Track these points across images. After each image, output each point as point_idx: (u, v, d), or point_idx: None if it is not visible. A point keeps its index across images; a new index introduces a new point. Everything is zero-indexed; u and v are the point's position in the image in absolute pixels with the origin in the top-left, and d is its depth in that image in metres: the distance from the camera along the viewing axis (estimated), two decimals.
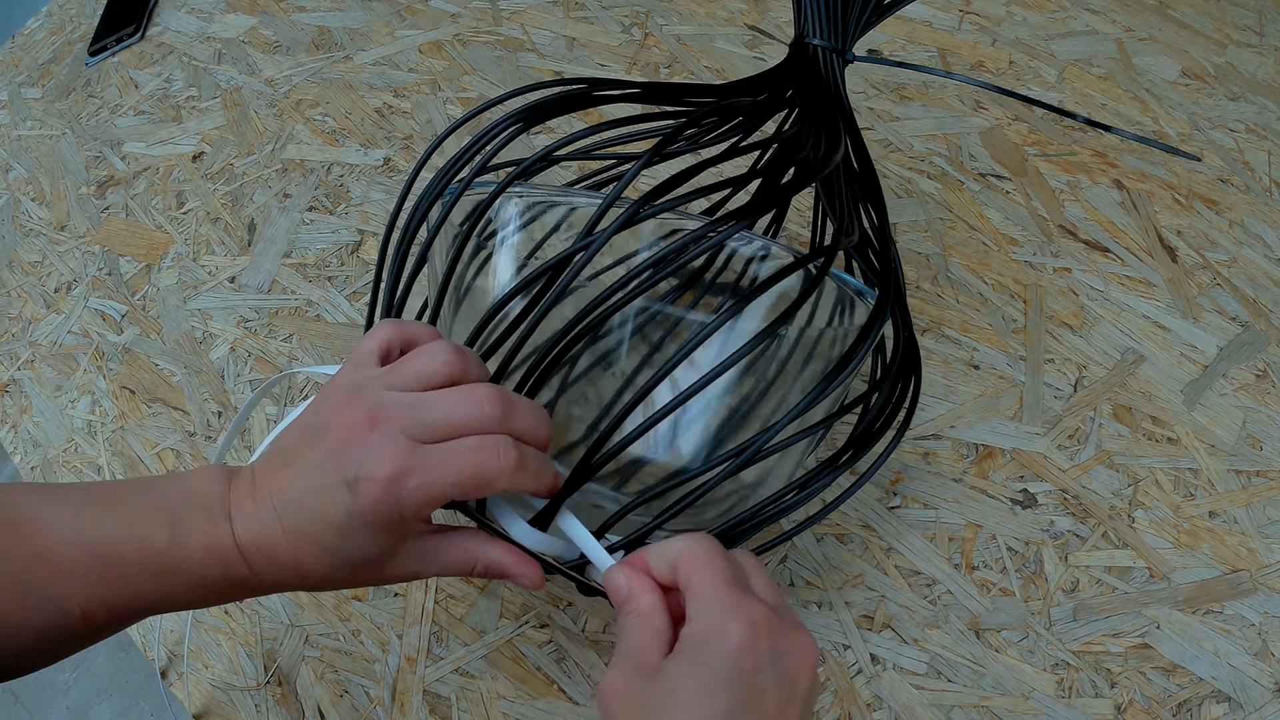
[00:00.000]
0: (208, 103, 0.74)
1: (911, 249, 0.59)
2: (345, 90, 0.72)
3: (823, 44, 0.43)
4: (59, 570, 0.29)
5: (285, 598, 0.49)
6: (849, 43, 0.44)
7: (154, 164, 0.70)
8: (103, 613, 0.30)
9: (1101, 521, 0.48)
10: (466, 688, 0.46)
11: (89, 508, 0.31)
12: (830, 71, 0.43)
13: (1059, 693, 0.44)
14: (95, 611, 0.30)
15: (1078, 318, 0.56)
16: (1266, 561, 0.47)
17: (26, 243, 0.68)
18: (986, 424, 0.52)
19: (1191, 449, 0.51)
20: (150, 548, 0.30)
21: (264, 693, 0.47)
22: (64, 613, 0.30)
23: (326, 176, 0.67)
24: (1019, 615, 0.46)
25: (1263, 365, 0.54)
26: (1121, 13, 0.73)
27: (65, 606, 0.30)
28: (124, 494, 0.31)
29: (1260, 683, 0.44)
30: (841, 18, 0.43)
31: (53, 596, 0.29)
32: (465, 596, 0.48)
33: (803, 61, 0.44)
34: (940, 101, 0.67)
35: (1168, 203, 0.61)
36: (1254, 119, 0.66)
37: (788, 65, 0.44)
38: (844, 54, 0.44)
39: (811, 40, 0.44)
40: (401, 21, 0.77)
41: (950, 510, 0.49)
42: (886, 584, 0.47)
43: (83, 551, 0.30)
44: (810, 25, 0.43)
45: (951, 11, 0.73)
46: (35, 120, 0.76)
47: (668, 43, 0.73)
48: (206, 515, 0.31)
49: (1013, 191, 0.62)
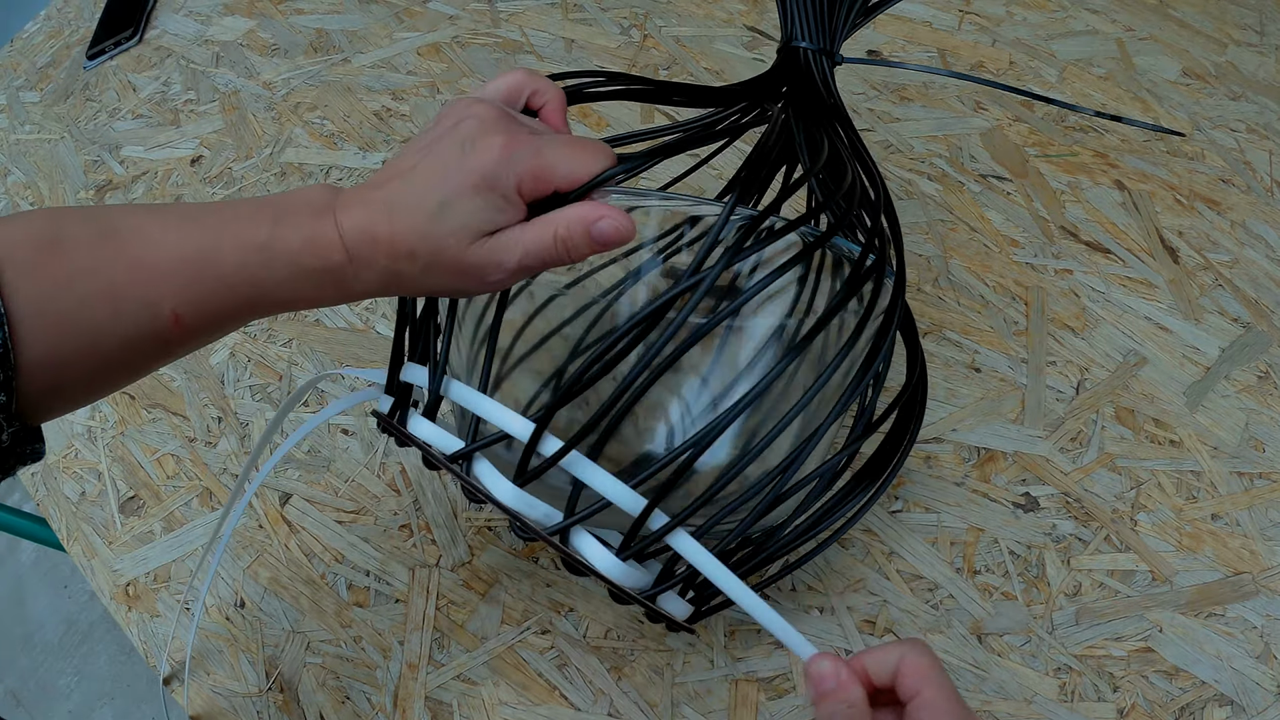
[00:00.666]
0: (206, 106, 0.73)
1: (912, 251, 0.59)
2: (343, 93, 0.72)
3: (810, 46, 0.44)
4: (155, 273, 0.30)
5: (287, 603, 0.49)
6: (836, 44, 0.45)
7: (152, 168, 0.70)
8: (193, 314, 0.31)
9: (1104, 525, 0.48)
10: (468, 694, 0.46)
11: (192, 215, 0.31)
12: (820, 73, 0.44)
13: (1061, 697, 0.44)
14: (186, 313, 0.30)
15: (1079, 320, 0.56)
16: (1269, 564, 0.47)
17: None
18: (988, 427, 0.52)
19: (1194, 451, 0.51)
20: (250, 241, 0.31)
21: (265, 699, 0.47)
22: (155, 316, 0.30)
23: (325, 180, 0.67)
24: (1021, 619, 0.46)
25: (1265, 366, 0.54)
26: (1122, 12, 0.73)
27: (158, 310, 0.30)
28: (230, 204, 0.32)
29: (1263, 685, 0.44)
30: (828, 20, 0.44)
31: (147, 299, 0.30)
32: (467, 603, 0.48)
33: (792, 65, 0.44)
34: (941, 103, 0.67)
35: (1169, 203, 0.61)
36: (1255, 118, 0.65)
37: (777, 69, 0.45)
38: (832, 55, 0.45)
39: (799, 44, 0.44)
40: (400, 24, 0.77)
41: (952, 514, 0.49)
42: (888, 588, 0.47)
43: (181, 253, 0.30)
44: (797, 29, 0.44)
45: (951, 12, 0.73)
46: (33, 124, 0.76)
47: (666, 44, 0.73)
48: (311, 212, 0.32)
49: (1014, 193, 0.62)
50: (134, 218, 0.31)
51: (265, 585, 0.50)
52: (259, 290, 0.31)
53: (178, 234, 0.30)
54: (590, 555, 0.35)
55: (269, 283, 0.31)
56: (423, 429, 0.37)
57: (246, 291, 0.31)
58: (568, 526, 0.35)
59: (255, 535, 0.52)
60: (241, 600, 0.50)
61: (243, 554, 0.51)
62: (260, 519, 0.52)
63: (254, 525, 0.52)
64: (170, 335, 0.31)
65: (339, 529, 0.51)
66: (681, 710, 0.45)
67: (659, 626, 0.47)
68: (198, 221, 0.31)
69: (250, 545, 0.52)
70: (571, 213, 0.33)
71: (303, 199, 0.32)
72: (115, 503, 0.54)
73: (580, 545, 0.35)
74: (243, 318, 0.32)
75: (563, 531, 0.35)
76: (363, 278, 0.32)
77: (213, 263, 0.30)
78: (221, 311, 0.31)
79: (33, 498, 0.55)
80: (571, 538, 0.35)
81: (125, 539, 0.53)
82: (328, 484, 0.53)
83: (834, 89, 0.44)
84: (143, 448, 0.56)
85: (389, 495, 0.52)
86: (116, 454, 0.56)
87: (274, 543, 0.51)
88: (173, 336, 0.31)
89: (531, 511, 0.35)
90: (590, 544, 0.35)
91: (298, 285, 0.32)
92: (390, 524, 0.51)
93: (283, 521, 0.52)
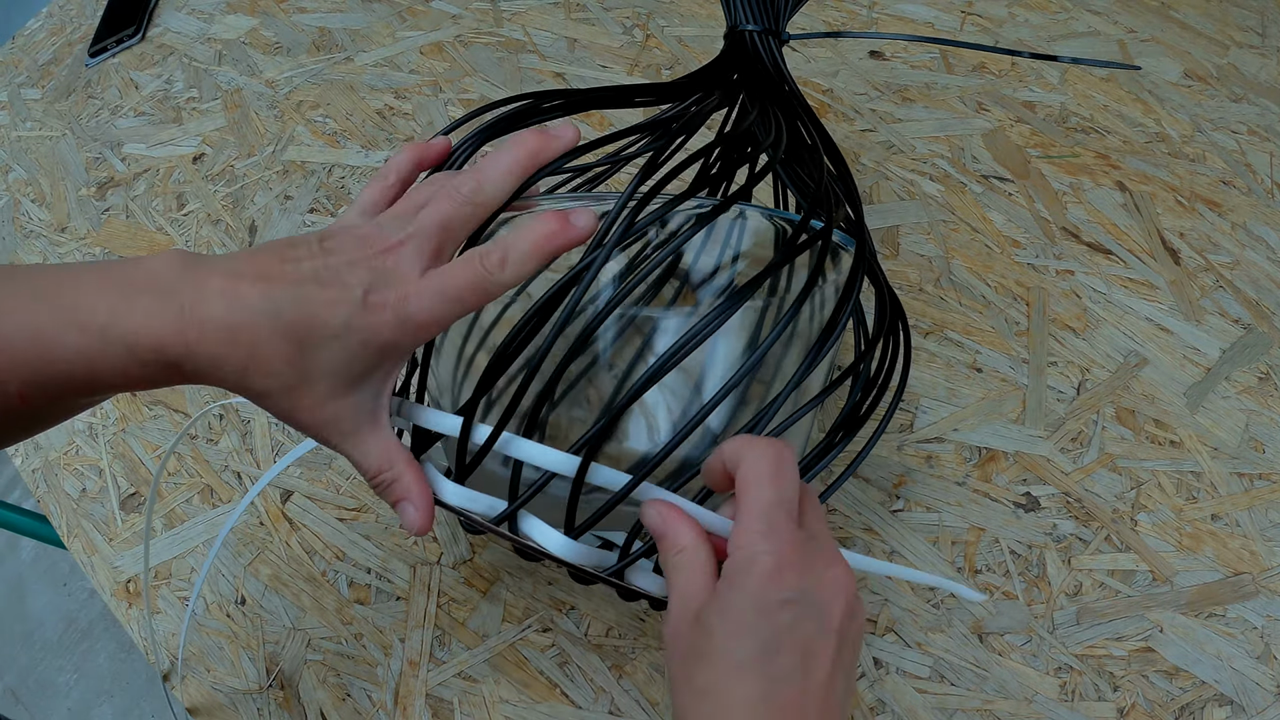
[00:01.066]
0: (208, 104, 0.73)
1: (914, 251, 0.59)
2: (346, 92, 0.72)
3: (755, 28, 0.44)
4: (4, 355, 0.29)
5: (288, 600, 0.49)
6: (781, 24, 0.45)
7: (154, 165, 0.70)
8: (37, 395, 0.30)
9: (1104, 525, 0.48)
10: (469, 691, 0.46)
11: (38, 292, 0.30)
12: (769, 54, 0.44)
13: (1062, 696, 0.44)
14: (30, 394, 0.29)
15: (1080, 320, 0.56)
16: (1269, 564, 0.47)
17: (27, 244, 0.68)
18: (989, 427, 0.52)
19: (1194, 452, 0.51)
20: (89, 324, 0.29)
21: (266, 696, 0.47)
22: (3, 394, 0.29)
23: (328, 178, 0.67)
24: (1022, 619, 0.46)
25: (1265, 368, 0.54)
26: (1124, 14, 0.73)
27: (4, 388, 0.29)
28: (77, 277, 0.30)
29: (1263, 686, 0.44)
30: (770, 1, 0.45)
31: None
32: (468, 600, 0.48)
33: (740, 50, 0.44)
34: (943, 103, 0.67)
35: (1170, 205, 0.61)
36: (1256, 120, 0.66)
37: (726, 56, 0.45)
38: (779, 35, 0.45)
39: (745, 27, 0.44)
40: (402, 23, 0.77)
41: (953, 514, 0.49)
42: (889, 587, 0.47)
43: (24, 337, 0.29)
44: (741, 12, 0.44)
45: (954, 13, 0.73)
46: (35, 121, 0.76)
47: (669, 44, 0.73)
48: (154, 294, 0.29)
49: (1015, 194, 0.62)
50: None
51: (266, 582, 0.50)
52: (98, 377, 0.30)
53: (25, 313, 0.29)
54: (540, 538, 0.34)
55: (105, 371, 0.29)
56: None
57: (85, 378, 0.29)
58: (511, 512, 0.34)
59: (256, 532, 0.52)
60: (242, 597, 0.50)
61: (244, 551, 0.51)
62: (261, 516, 0.52)
63: (255, 522, 0.52)
64: (20, 413, 0.30)
65: (340, 526, 0.52)
66: None
67: (659, 627, 0.47)
68: (44, 299, 0.29)
69: (251, 542, 0.52)
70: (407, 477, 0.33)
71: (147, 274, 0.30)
72: (116, 499, 0.54)
73: (529, 530, 0.35)
74: (89, 398, 0.31)
75: (510, 519, 0.34)
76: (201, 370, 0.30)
77: (52, 346, 0.29)
78: (63, 393, 0.30)
79: (33, 494, 0.55)
80: (520, 523, 0.35)
81: (125, 536, 0.53)
82: (329, 481, 0.53)
83: (785, 69, 0.45)
84: (144, 444, 0.56)
85: None
86: (117, 450, 0.56)
87: (275, 540, 0.51)
88: (23, 413, 0.30)
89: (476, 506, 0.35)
90: (538, 526, 0.35)
91: (132, 373, 0.30)
92: (391, 521, 0.51)
93: (284, 519, 0.52)
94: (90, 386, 0.30)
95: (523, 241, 0.31)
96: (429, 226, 0.32)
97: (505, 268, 0.31)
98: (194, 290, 0.29)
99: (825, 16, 0.74)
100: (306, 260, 0.31)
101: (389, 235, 0.32)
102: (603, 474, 0.33)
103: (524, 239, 0.31)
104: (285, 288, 0.30)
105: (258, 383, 0.30)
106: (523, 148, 0.34)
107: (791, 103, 0.44)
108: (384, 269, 0.31)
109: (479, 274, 0.31)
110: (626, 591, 0.36)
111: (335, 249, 0.31)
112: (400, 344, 0.31)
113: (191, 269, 0.30)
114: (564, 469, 0.33)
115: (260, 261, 0.31)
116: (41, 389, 0.29)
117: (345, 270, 0.30)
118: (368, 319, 0.30)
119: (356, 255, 0.31)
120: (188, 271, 0.30)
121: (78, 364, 0.29)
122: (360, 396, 0.32)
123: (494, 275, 0.31)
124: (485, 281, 0.31)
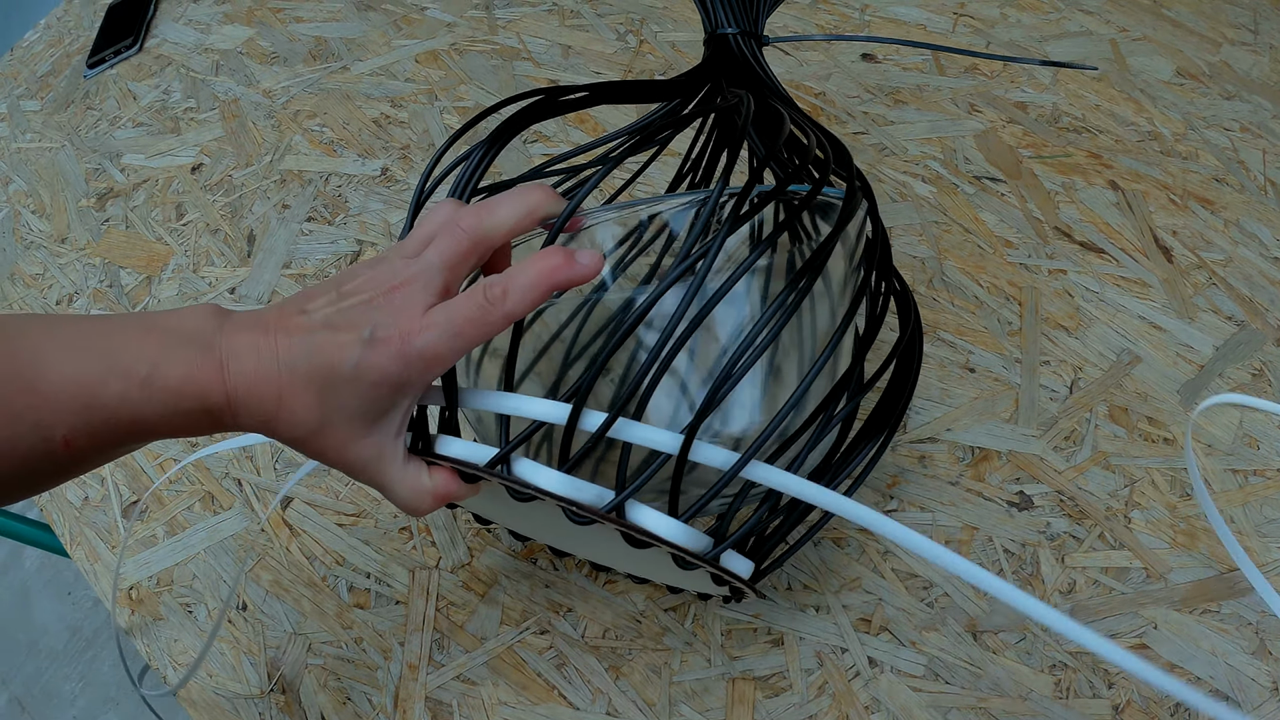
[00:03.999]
0: (206, 114, 0.74)
1: (907, 252, 0.60)
2: (343, 101, 0.73)
3: (735, 30, 0.45)
4: (47, 400, 0.30)
5: (289, 605, 0.50)
6: (759, 25, 0.46)
7: (153, 175, 0.71)
8: (85, 440, 0.31)
9: (1098, 523, 0.49)
10: (468, 694, 0.46)
11: (82, 341, 0.31)
12: (751, 55, 0.45)
13: (1057, 693, 0.44)
14: (77, 439, 0.31)
15: (1073, 319, 0.56)
16: (1264, 560, 0.47)
17: (27, 255, 0.68)
18: (982, 426, 0.52)
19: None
20: (133, 373, 0.31)
21: (267, 701, 0.47)
22: (48, 439, 0.30)
23: (325, 187, 0.68)
24: (1016, 617, 0.46)
25: (1259, 364, 0.54)
26: (1116, 13, 0.73)
27: (50, 434, 0.30)
28: (118, 327, 0.32)
29: (1259, 681, 0.44)
30: (749, 3, 0.46)
31: (40, 424, 0.30)
32: (466, 604, 0.49)
33: (723, 53, 0.45)
34: (935, 105, 0.68)
35: (1163, 203, 0.61)
36: (1249, 118, 0.66)
37: (709, 61, 0.46)
38: (758, 36, 0.46)
39: (725, 30, 0.45)
40: (398, 31, 0.78)
41: (946, 513, 0.49)
42: (884, 587, 0.47)
43: (70, 384, 0.30)
44: (720, 16, 0.45)
45: (946, 14, 0.74)
46: (34, 132, 0.76)
47: (663, 50, 0.73)
48: (195, 347, 0.31)
49: (1007, 194, 0.62)
50: (30, 336, 0.31)
51: (267, 588, 0.51)
52: (140, 422, 0.31)
53: (70, 364, 0.31)
54: (652, 524, 0.34)
55: (150, 417, 0.31)
56: (454, 448, 0.35)
57: (129, 423, 0.31)
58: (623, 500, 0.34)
59: (257, 539, 0.52)
60: (243, 603, 0.50)
61: (245, 557, 0.52)
62: (262, 523, 0.53)
63: (256, 529, 0.53)
64: (62, 459, 0.31)
65: (340, 532, 0.52)
66: (679, 709, 0.45)
67: (656, 625, 0.47)
68: (88, 347, 0.31)
69: (252, 548, 0.52)
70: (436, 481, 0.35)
71: (187, 329, 0.32)
72: (118, 507, 0.55)
73: (638, 517, 0.35)
74: (130, 445, 0.33)
75: (619, 508, 0.34)
76: (241, 422, 0.32)
77: (99, 394, 0.30)
78: (110, 440, 0.31)
79: (36, 503, 0.56)
80: (628, 511, 0.35)
81: (128, 543, 0.53)
82: (329, 488, 0.54)
83: (766, 68, 0.45)
84: (145, 452, 0.57)
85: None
86: (119, 459, 0.57)
87: (275, 546, 0.52)
88: (66, 460, 0.31)
89: (582, 495, 0.34)
90: (648, 514, 0.34)
91: (175, 421, 0.31)
92: (390, 527, 0.52)
93: (284, 525, 0.53)
94: (132, 433, 0.32)
95: (524, 276, 0.32)
96: (435, 264, 0.33)
97: (507, 299, 0.32)
98: (228, 344, 0.31)
99: (818, 20, 0.74)
100: (323, 309, 0.32)
101: (398, 274, 0.33)
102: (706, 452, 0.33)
103: (526, 273, 0.32)
104: (302, 337, 0.31)
105: (287, 430, 0.32)
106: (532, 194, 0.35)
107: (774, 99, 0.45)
108: (392, 307, 0.32)
109: (481, 306, 0.32)
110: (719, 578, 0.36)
111: (351, 292, 0.33)
112: (409, 379, 0.32)
113: (224, 323, 0.32)
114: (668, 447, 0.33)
115: (283, 314, 0.32)
116: (87, 435, 0.31)
117: (356, 313, 0.32)
118: (374, 357, 0.31)
119: (368, 296, 0.32)
120: (220, 325, 0.32)
121: (122, 411, 0.31)
122: (381, 436, 0.33)
123: (495, 307, 0.32)
124: (487, 314, 0.32)
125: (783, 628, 0.47)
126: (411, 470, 0.35)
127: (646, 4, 0.77)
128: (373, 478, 0.34)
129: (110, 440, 0.31)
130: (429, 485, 0.35)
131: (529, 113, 0.42)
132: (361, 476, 0.34)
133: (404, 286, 0.32)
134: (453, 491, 0.35)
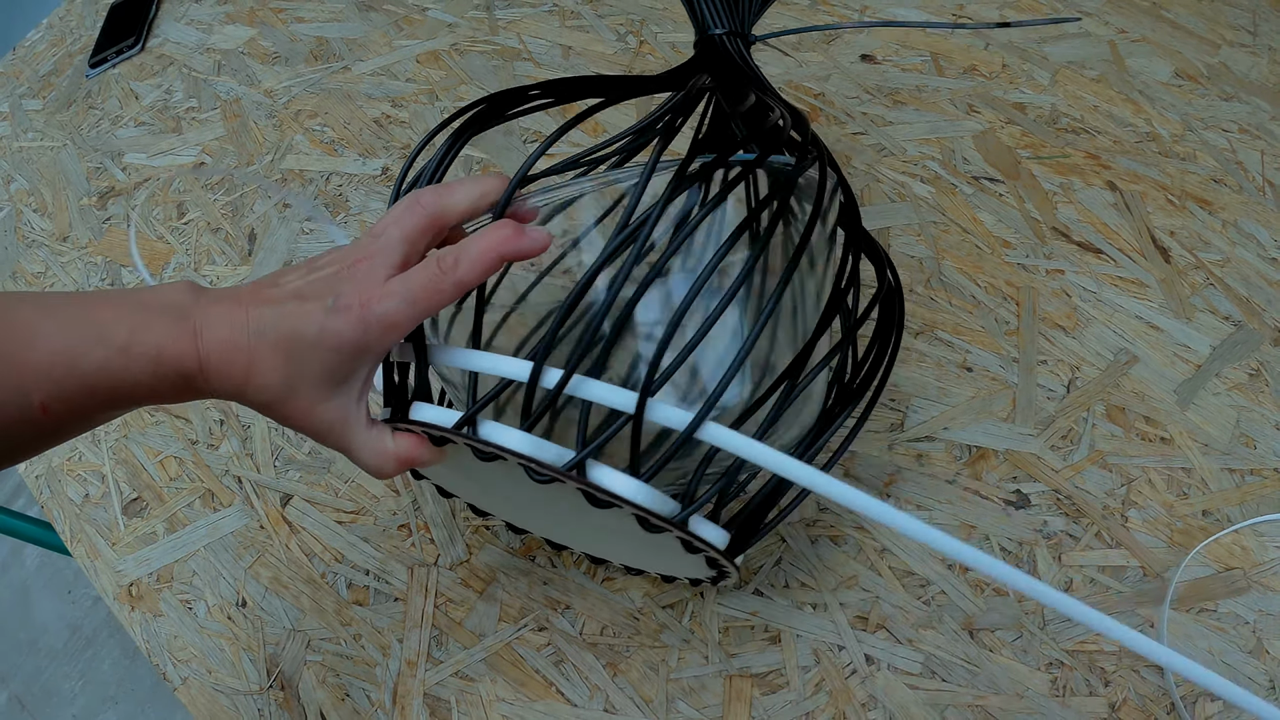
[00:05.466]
0: (207, 114, 0.74)
1: (905, 252, 0.60)
2: (344, 100, 0.73)
3: (723, 31, 0.46)
4: (25, 367, 0.31)
5: (287, 602, 0.50)
6: (747, 25, 0.47)
7: (155, 174, 0.71)
8: (61, 408, 0.32)
9: (1095, 521, 0.49)
10: (466, 690, 0.46)
11: (67, 313, 0.33)
12: (738, 53, 0.46)
13: (1053, 691, 0.44)
14: (54, 406, 0.32)
15: (1070, 319, 0.56)
16: (1260, 560, 0.47)
17: (29, 254, 0.68)
18: (980, 425, 0.52)
19: (1184, 448, 0.51)
20: (111, 342, 0.32)
21: (266, 697, 0.47)
22: (26, 406, 0.32)
23: (325, 186, 0.68)
24: (1013, 615, 0.46)
25: (1256, 364, 0.54)
26: (1114, 14, 0.73)
27: (28, 400, 0.32)
28: (100, 300, 0.34)
29: (1256, 680, 0.44)
30: (736, 5, 0.46)
31: (20, 388, 0.31)
32: (465, 601, 0.49)
33: (711, 52, 0.46)
34: (934, 106, 0.68)
35: (1160, 204, 0.61)
36: (1247, 119, 0.66)
37: (698, 60, 0.47)
38: (746, 36, 0.47)
39: (714, 31, 0.46)
40: (399, 32, 0.78)
41: (944, 511, 0.50)
42: (880, 585, 0.48)
43: (51, 348, 0.32)
44: (709, 17, 0.46)
45: (944, 16, 0.74)
46: (36, 132, 0.76)
47: (663, 50, 0.73)
48: (172, 316, 0.33)
49: (1005, 194, 0.62)
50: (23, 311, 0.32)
51: (266, 585, 0.51)
52: (119, 389, 0.33)
53: (58, 332, 0.32)
54: (612, 484, 0.34)
55: (128, 383, 0.33)
56: (422, 413, 0.36)
57: (107, 390, 0.33)
58: (583, 458, 0.34)
59: (256, 536, 0.52)
60: (243, 599, 0.50)
61: (244, 554, 0.52)
62: (261, 520, 0.53)
63: (255, 526, 0.53)
64: (42, 424, 0.32)
65: (339, 529, 0.52)
66: (676, 705, 0.45)
67: (653, 623, 0.47)
68: (73, 318, 0.33)
69: (251, 545, 0.52)
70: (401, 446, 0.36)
71: (165, 301, 0.34)
72: (118, 504, 0.55)
73: (598, 477, 0.34)
74: (108, 412, 0.34)
75: (579, 465, 0.34)
76: (214, 388, 0.34)
77: (76, 360, 0.32)
78: (86, 407, 0.33)
79: (37, 500, 0.56)
80: (589, 471, 0.34)
81: (128, 540, 0.53)
82: (328, 485, 0.54)
83: (753, 64, 0.46)
84: (146, 450, 0.57)
85: (388, 496, 0.53)
86: (120, 456, 0.57)
87: (275, 543, 0.52)
88: (45, 426, 0.33)
89: (544, 454, 0.34)
90: (609, 473, 0.34)
91: (155, 386, 0.33)
92: (389, 524, 0.52)
93: (283, 522, 0.53)
94: (110, 399, 0.33)
95: (474, 247, 0.34)
96: (395, 237, 0.35)
97: (458, 268, 0.34)
98: (202, 315, 0.33)
99: (817, 20, 0.75)
100: (293, 281, 0.34)
101: (362, 249, 0.35)
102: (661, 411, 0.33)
103: (477, 244, 0.34)
104: (272, 307, 0.33)
105: (256, 395, 0.34)
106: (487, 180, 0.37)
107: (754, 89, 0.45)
108: (355, 278, 0.34)
109: (435, 275, 0.34)
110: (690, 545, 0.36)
111: (320, 266, 0.35)
112: (369, 344, 0.33)
113: (200, 296, 0.34)
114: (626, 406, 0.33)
115: (256, 287, 0.34)
116: (64, 401, 0.32)
117: (323, 283, 0.34)
118: (336, 323, 0.33)
119: (336, 270, 0.34)
120: (197, 299, 0.34)
121: (100, 377, 0.32)
122: (343, 399, 0.35)
123: (448, 275, 0.34)
124: (439, 281, 0.33)
125: (780, 625, 0.47)
126: (375, 434, 0.36)
127: (647, 5, 0.77)
128: (338, 441, 0.35)
129: (88, 406, 0.33)
130: (392, 449, 0.36)
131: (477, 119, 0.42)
132: (327, 440, 0.35)
133: (367, 260, 0.34)
134: (416, 455, 0.37)
